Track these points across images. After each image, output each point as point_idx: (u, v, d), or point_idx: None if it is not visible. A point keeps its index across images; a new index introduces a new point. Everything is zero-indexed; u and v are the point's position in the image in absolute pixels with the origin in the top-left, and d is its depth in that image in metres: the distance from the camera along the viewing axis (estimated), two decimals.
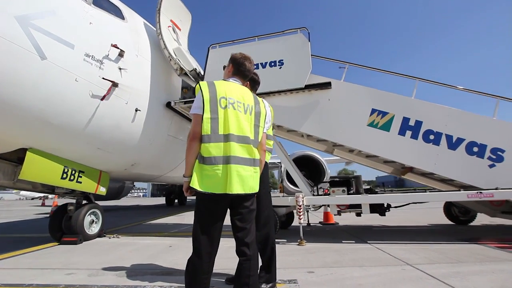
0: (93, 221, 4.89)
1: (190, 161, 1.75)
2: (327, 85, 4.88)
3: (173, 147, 6.58)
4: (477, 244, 3.83)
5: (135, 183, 15.64)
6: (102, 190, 4.92)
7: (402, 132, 4.48)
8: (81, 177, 4.49)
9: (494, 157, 4.08)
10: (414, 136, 4.43)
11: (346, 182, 4.87)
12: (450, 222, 5.83)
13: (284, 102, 5.07)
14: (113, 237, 5.06)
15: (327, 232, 5.30)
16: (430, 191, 4.96)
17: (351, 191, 4.82)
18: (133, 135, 5.04)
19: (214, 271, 1.78)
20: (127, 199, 31.95)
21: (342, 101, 4.85)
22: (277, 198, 4.97)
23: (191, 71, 5.37)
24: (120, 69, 4.44)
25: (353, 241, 4.31)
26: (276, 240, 4.55)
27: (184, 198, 16.67)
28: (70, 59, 3.67)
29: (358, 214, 5.00)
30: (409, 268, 2.87)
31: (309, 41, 4.97)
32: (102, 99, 4.04)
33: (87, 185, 4.63)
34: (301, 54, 4.96)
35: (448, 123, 4.28)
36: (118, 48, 4.33)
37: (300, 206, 4.40)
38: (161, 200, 22.70)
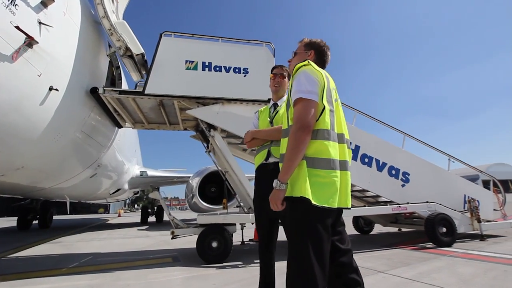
0: None
1: (296, 160, 1.28)
2: None
3: (82, 148, 4.90)
4: (398, 248, 4.72)
5: None
6: None
7: None
8: None
9: (404, 178, 5.28)
10: (354, 158, 5.14)
11: None
12: (357, 232, 7.00)
13: (246, 111, 4.81)
14: None
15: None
16: (365, 207, 5.67)
17: None
18: (36, 124, 3.40)
19: None
20: None
21: None
22: (235, 216, 4.51)
23: (138, 55, 4.27)
24: (40, 23, 2.97)
25: None
26: (232, 263, 4.08)
27: (49, 217, 12.47)
28: None
29: None
30: (386, 275, 3.15)
31: (274, 56, 5.02)
32: (13, 59, 2.54)
33: None
34: (266, 67, 4.89)
35: (377, 150, 5.24)
36: None
37: None
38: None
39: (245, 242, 6.12)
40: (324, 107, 1.36)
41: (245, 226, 6.17)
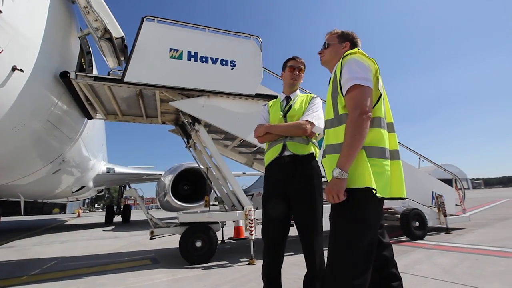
0: None
1: (359, 146, 1.23)
2: (274, 98, 4.91)
3: (46, 140, 4.36)
4: None
5: None
6: None
7: None
8: None
9: None
10: None
11: None
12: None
13: (232, 106, 4.65)
14: None
15: (256, 246, 5.08)
16: None
17: None
18: None
19: None
20: None
21: None
22: (220, 214, 4.35)
23: (117, 38, 3.88)
24: None
25: (292, 253, 4.38)
26: (217, 262, 3.92)
27: None
28: None
29: None
30: None
31: (261, 50, 4.92)
32: None
33: None
34: (254, 61, 4.80)
35: None
36: None
37: (251, 220, 4.03)
38: None
39: (225, 241, 5.97)
40: (381, 95, 1.33)
41: (225, 224, 6.03)
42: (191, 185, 11.90)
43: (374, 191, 1.20)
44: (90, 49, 5.28)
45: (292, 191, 1.94)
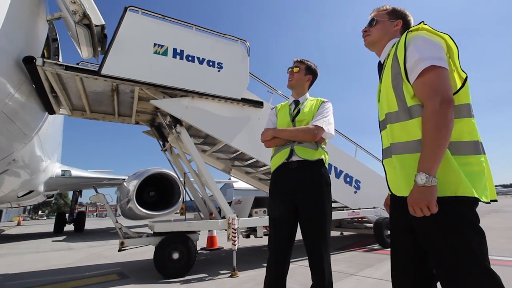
0: None
1: (446, 142, 1.01)
2: (260, 104, 4.88)
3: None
4: (352, 251, 5.03)
5: None
6: None
7: None
8: None
9: (356, 185, 5.72)
10: None
11: (262, 202, 4.88)
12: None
13: (217, 109, 4.47)
14: None
15: (228, 258, 4.84)
16: None
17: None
18: None
19: None
20: None
21: None
22: (201, 223, 4.08)
23: (97, 26, 3.50)
24: None
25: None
26: (196, 276, 3.64)
27: None
28: None
29: (248, 236, 5.18)
30: (359, 277, 3.27)
31: (248, 55, 4.85)
32: None
33: None
34: (241, 65, 4.70)
35: (335, 158, 5.56)
36: None
37: (235, 229, 3.84)
38: None
39: (198, 252, 5.61)
40: (467, 77, 1.11)
41: (199, 233, 5.69)
42: (157, 191, 11.22)
43: (475, 197, 1.00)
44: (58, 36, 4.72)
45: (300, 198, 1.85)
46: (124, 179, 10.94)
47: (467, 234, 1.00)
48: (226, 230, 3.93)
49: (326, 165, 1.99)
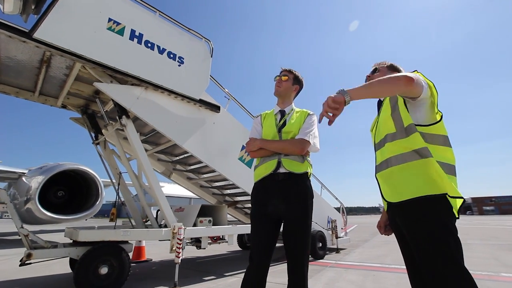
0: None
1: (377, 90, 1.25)
2: (217, 108, 4.70)
3: None
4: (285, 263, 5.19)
5: None
6: None
7: None
8: None
9: None
10: None
11: (208, 211, 4.62)
12: (239, 249, 7.18)
13: (172, 106, 4.10)
14: None
15: (163, 272, 4.35)
16: None
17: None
18: None
19: None
20: None
21: (224, 130, 4.84)
22: (141, 231, 3.54)
23: None
24: None
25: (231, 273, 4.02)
26: None
27: None
28: None
29: (199, 247, 4.83)
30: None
31: (211, 56, 4.66)
32: None
33: None
34: (202, 64, 4.46)
35: None
36: None
37: (180, 240, 3.48)
38: None
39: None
40: (442, 114, 1.36)
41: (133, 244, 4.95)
42: (66, 191, 9.42)
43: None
44: None
45: (285, 210, 1.83)
46: (23, 173, 8.79)
47: (441, 231, 1.20)
48: (170, 240, 3.51)
49: (310, 178, 2.01)
